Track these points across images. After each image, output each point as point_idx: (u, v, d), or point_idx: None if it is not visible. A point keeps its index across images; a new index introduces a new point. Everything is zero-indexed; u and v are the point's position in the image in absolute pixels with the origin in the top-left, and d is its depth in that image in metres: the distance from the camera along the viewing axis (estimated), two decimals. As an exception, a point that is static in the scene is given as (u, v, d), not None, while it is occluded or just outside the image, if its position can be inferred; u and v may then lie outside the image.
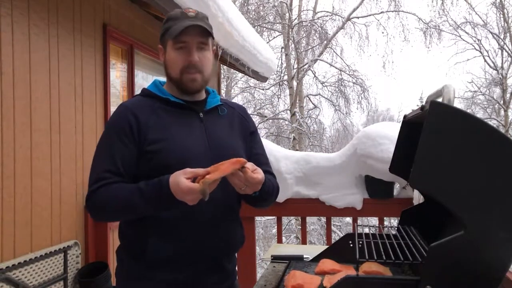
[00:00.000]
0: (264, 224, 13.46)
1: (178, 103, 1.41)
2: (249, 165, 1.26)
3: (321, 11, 14.86)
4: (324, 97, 14.70)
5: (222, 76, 10.35)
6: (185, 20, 1.37)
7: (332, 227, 3.86)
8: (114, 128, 1.36)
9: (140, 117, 1.35)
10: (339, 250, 1.52)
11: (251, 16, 13.68)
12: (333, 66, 14.35)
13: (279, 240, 3.08)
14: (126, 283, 1.42)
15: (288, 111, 13.96)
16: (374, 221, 3.31)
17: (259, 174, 1.27)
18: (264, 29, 14.18)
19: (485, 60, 16.89)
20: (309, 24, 14.19)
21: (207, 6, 3.40)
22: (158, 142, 1.33)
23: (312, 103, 14.86)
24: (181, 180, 1.18)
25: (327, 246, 1.63)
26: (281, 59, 13.80)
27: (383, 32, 14.15)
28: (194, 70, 1.38)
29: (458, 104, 18.07)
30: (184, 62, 1.38)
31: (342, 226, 12.86)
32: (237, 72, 10.11)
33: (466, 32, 16.42)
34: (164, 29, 1.42)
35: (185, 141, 1.36)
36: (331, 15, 14.15)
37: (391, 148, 1.67)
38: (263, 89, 15.29)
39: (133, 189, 1.27)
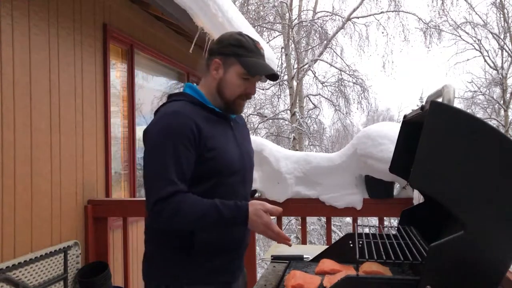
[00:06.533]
0: (264, 224, 13.43)
1: (221, 113, 1.58)
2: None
3: (321, 11, 14.86)
4: (324, 97, 14.70)
5: (222, 76, 10.31)
6: (260, 57, 1.54)
7: (332, 227, 3.86)
8: (180, 135, 1.44)
9: (200, 125, 1.47)
10: (339, 250, 1.52)
11: (251, 16, 13.68)
12: (333, 66, 14.35)
13: (279, 240, 3.07)
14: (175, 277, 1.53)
15: (288, 111, 13.96)
16: (374, 221, 3.31)
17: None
18: (264, 29, 14.18)
19: (485, 60, 16.89)
20: (309, 24, 14.19)
21: (207, 6, 3.39)
22: (213, 150, 1.48)
23: (312, 103, 14.86)
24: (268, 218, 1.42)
25: (327, 246, 1.63)
26: (281, 59, 13.81)
27: (383, 32, 14.17)
28: (246, 98, 1.58)
29: (458, 104, 18.06)
30: (244, 91, 1.54)
31: (342, 226, 12.86)
32: (237, 72, 10.08)
33: (466, 32, 16.44)
34: (233, 51, 1.52)
35: (229, 149, 1.55)
36: (331, 15, 14.15)
37: (391, 148, 1.67)
38: (263, 89, 15.27)
39: (211, 204, 1.42)
